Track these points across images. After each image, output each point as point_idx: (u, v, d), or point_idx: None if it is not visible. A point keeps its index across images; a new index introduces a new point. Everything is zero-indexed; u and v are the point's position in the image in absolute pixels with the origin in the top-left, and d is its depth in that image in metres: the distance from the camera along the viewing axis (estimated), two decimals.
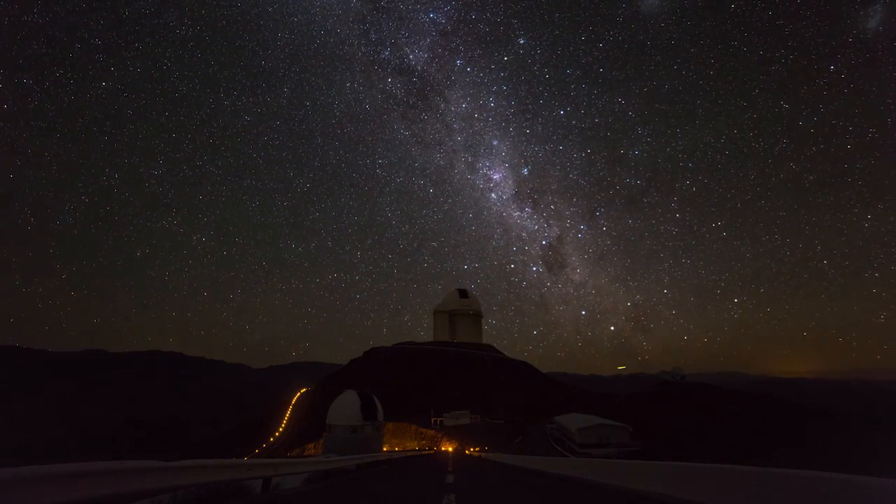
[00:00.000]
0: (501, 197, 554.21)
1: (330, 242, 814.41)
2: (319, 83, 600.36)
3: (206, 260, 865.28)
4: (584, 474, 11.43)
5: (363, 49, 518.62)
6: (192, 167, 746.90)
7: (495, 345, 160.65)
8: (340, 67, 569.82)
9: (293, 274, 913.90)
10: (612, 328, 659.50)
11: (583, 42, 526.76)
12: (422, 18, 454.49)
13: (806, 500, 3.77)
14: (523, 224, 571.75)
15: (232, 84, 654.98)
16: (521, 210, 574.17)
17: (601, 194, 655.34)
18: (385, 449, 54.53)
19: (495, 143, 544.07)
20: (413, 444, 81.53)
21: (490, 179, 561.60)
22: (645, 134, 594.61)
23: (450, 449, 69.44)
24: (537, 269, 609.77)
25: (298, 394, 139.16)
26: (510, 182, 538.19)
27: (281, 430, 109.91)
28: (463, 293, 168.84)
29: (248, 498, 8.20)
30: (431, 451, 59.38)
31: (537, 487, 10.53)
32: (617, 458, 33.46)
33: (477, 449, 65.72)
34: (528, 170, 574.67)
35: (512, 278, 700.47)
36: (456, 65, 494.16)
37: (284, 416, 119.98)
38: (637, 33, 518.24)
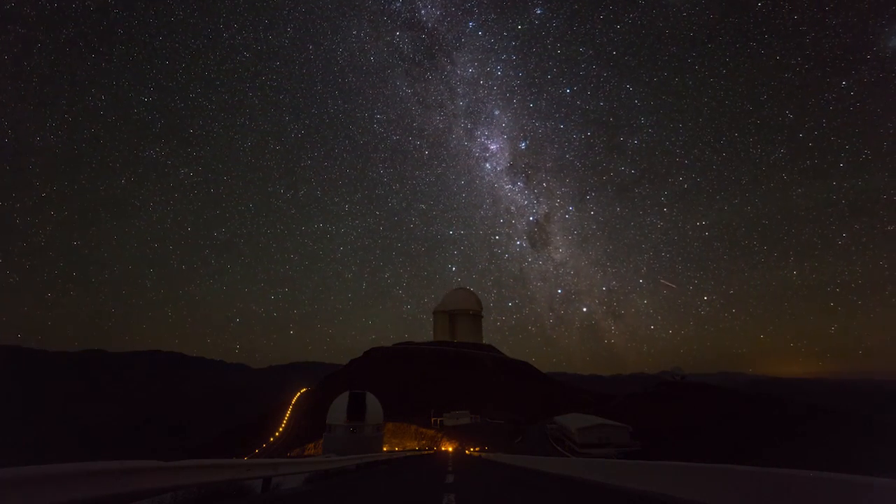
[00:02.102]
0: (495, 168, 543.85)
1: (319, 192, 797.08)
2: (324, 27, 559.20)
3: (191, 195, 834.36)
4: (584, 474, 11.43)
5: None
6: (185, 99, 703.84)
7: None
8: (348, 13, 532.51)
9: (279, 219, 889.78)
10: (585, 310, 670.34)
11: (601, 21, 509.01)
12: None
13: (806, 500, 3.77)
14: (513, 198, 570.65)
15: (233, 16, 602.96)
16: (514, 184, 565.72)
17: (594, 178, 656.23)
18: (385, 449, 54.51)
19: (497, 112, 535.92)
20: (413, 444, 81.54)
21: (487, 149, 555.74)
22: (647, 124, 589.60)
23: (450, 449, 69.47)
24: (521, 244, 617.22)
25: (298, 394, 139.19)
26: (506, 154, 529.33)
27: (281, 430, 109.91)
28: (463, 293, 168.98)
29: (248, 498, 8.20)
30: (431, 451, 59.41)
31: (537, 487, 10.53)
32: (617, 458, 33.47)
33: (477, 449, 65.74)
34: (526, 144, 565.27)
35: (495, 249, 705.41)
36: (468, 26, 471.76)
37: (284, 416, 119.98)
38: (657, 20, 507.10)
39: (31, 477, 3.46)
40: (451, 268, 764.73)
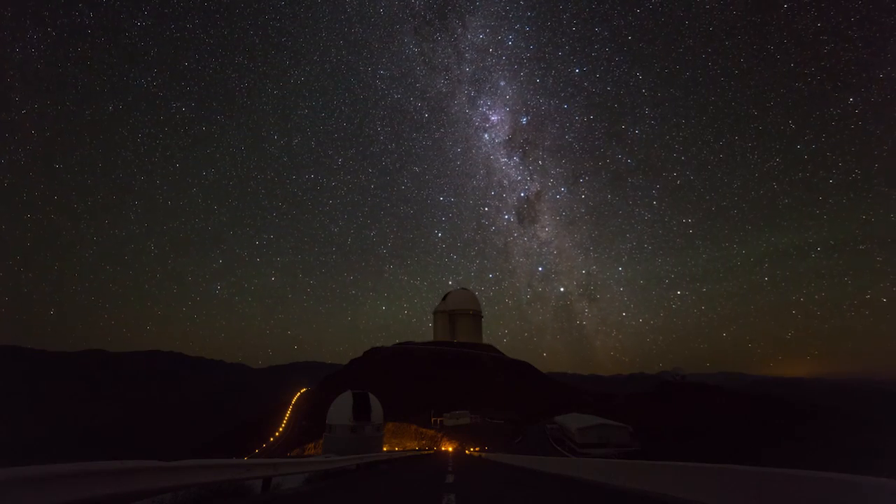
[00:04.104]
0: (493, 140, 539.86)
1: (313, 142, 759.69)
2: None
3: (182, 131, 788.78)
4: (584, 474, 11.43)
5: None
6: (181, 29, 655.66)
7: (452, 280, 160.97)
8: None
9: (270, 165, 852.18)
10: (562, 289, 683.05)
11: (620, 2, 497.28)
12: None
13: (805, 500, 3.77)
14: (507, 172, 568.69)
15: None
16: (510, 158, 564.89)
17: (590, 163, 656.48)
18: (385, 449, 54.53)
19: (502, 83, 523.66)
20: (413, 444, 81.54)
21: (487, 119, 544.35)
22: (651, 115, 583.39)
23: (450, 449, 69.49)
24: (509, 218, 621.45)
25: (298, 394, 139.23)
26: (506, 127, 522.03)
27: (281, 430, 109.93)
28: (463, 293, 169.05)
29: (248, 498, 8.21)
30: (431, 451, 59.40)
31: (537, 487, 10.53)
32: (617, 458, 33.47)
33: (477, 449, 65.75)
34: (527, 120, 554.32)
35: (482, 220, 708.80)
36: None
37: (284, 416, 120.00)
38: (678, 8, 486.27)
39: (32, 477, 3.46)
40: (437, 234, 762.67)
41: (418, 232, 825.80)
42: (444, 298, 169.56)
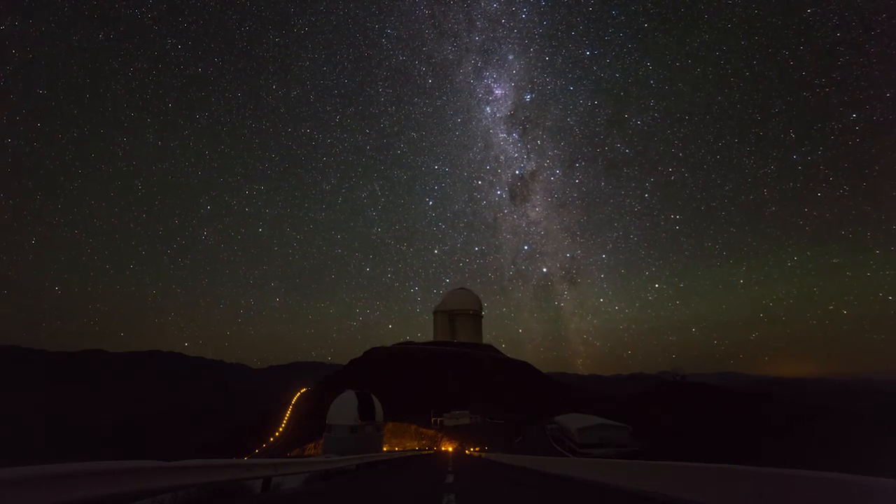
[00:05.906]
0: (495, 114, 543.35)
1: (312, 97, 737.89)
2: None
3: (177, 70, 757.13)
4: (584, 474, 11.43)
5: None
6: None
7: (436, 249, 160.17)
8: None
9: (266, 115, 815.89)
10: (545, 270, 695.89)
11: None
12: None
13: (806, 500, 3.77)
14: (505, 147, 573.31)
15: None
16: (509, 134, 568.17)
17: (588, 148, 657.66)
18: (385, 449, 54.54)
19: (510, 57, 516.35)
20: (413, 444, 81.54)
21: (491, 92, 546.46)
22: (655, 107, 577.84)
23: (450, 449, 69.48)
24: (501, 194, 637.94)
25: (298, 394, 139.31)
26: (509, 103, 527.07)
27: (281, 430, 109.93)
28: (463, 293, 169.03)
29: (248, 498, 8.20)
30: (431, 451, 59.39)
31: (537, 487, 10.52)
32: (617, 458, 33.45)
33: (477, 449, 65.76)
34: (531, 97, 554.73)
35: (475, 193, 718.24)
36: None
37: (284, 416, 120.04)
38: (699, 0, 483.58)
39: (32, 477, 3.47)
40: (428, 202, 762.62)
41: (409, 198, 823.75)
42: (443, 298, 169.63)
